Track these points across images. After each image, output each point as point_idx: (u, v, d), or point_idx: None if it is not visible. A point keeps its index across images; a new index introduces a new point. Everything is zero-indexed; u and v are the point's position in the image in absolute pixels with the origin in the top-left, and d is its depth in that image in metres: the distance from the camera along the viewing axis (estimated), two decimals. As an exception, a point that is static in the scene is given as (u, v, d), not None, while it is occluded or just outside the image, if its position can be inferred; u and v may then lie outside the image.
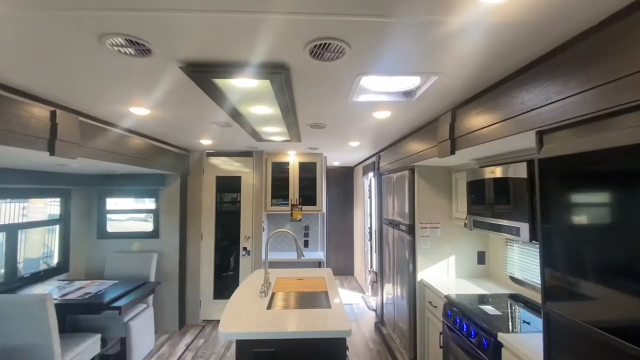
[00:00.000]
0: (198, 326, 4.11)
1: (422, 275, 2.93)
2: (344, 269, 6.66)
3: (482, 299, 2.38)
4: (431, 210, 2.96)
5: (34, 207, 3.52)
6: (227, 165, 4.35)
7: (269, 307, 2.03)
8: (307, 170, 4.62)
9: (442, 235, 2.95)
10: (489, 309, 2.17)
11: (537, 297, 2.32)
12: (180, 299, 4.01)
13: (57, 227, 3.52)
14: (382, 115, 2.32)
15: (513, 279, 2.62)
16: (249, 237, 4.27)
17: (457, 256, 2.95)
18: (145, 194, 4.07)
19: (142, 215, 4.19)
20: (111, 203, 4.05)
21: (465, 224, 2.64)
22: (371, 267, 5.41)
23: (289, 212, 4.55)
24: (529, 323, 1.95)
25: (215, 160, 4.35)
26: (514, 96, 1.47)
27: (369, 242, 5.47)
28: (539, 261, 1.38)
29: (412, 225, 3.00)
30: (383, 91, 1.94)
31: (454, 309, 2.29)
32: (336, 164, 6.20)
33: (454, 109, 2.01)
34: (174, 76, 1.57)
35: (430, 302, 2.74)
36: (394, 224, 3.47)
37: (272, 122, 2.56)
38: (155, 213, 4.03)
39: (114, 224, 4.04)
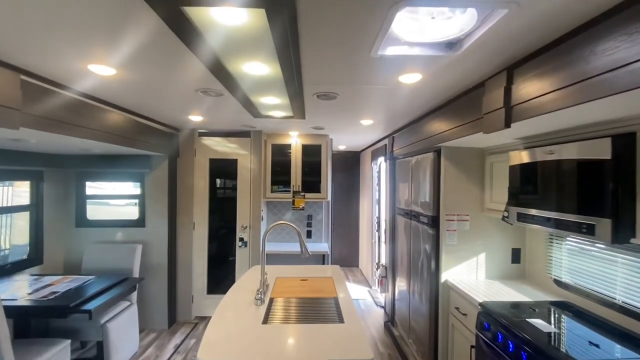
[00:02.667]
0: (190, 324, 3.73)
1: (447, 275, 2.50)
2: (348, 261, 6.27)
3: (526, 308, 1.96)
4: (459, 199, 2.50)
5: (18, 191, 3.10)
6: (222, 147, 3.88)
7: (265, 320, 1.61)
8: (311, 154, 4.14)
9: (471, 229, 2.51)
10: (539, 323, 1.75)
11: (591, 307, 1.90)
12: (170, 294, 3.62)
13: (28, 214, 3.09)
14: (410, 79, 1.83)
15: (558, 282, 2.19)
16: (245, 226, 3.85)
17: (488, 254, 2.52)
18: (129, 177, 3.62)
19: (126, 202, 3.76)
20: (91, 187, 3.61)
21: (504, 216, 2.18)
22: (378, 260, 5.01)
23: (291, 200, 4.11)
24: (598, 346, 1.53)
25: (208, 141, 3.87)
26: (606, 46, 0.99)
27: (376, 233, 5.05)
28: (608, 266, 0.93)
29: (435, 217, 2.55)
30: (418, 42, 1.46)
31: (493, 320, 1.86)
32: (342, 147, 5.72)
33: (511, 68, 1.52)
34: (136, 11, 1.09)
35: (457, 308, 2.32)
36: (411, 215, 3.02)
37: (271, 89, 2.08)
38: (141, 199, 3.59)
39: (94, 211, 3.61)
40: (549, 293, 2.20)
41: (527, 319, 1.79)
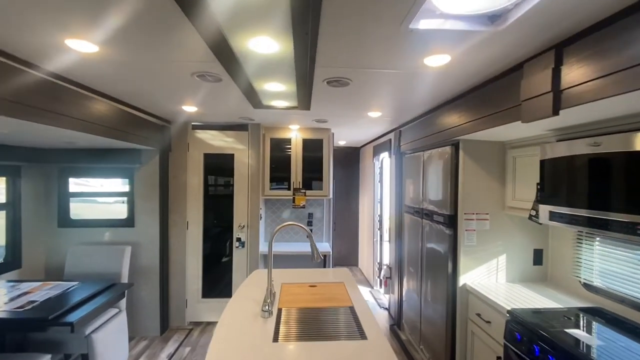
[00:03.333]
0: (184, 330, 3.49)
1: (465, 278, 2.32)
2: (347, 260, 6.08)
3: (559, 316, 1.78)
4: (478, 197, 2.32)
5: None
6: (218, 141, 3.63)
7: (276, 337, 1.39)
8: (312, 149, 3.92)
9: (491, 228, 2.33)
10: (579, 334, 1.58)
11: (625, 312, 1.74)
12: (162, 299, 3.37)
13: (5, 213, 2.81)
14: (436, 61, 1.63)
15: (588, 286, 2.03)
16: (243, 226, 3.61)
17: (509, 255, 2.34)
18: (117, 173, 3.34)
19: (114, 199, 3.48)
20: (75, 184, 3.33)
21: (531, 216, 2.01)
22: (380, 259, 4.83)
23: (291, 198, 3.89)
24: (652, 361, 1.36)
25: (202, 134, 3.62)
26: None
27: (378, 232, 4.87)
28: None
29: (453, 217, 2.36)
30: (456, 14, 1.25)
31: (527, 331, 1.68)
32: (342, 143, 5.51)
33: (560, 47, 1.33)
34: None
35: (478, 315, 2.14)
36: (423, 213, 2.83)
37: (277, 72, 1.85)
38: (130, 196, 3.32)
39: (79, 210, 3.33)
40: (576, 297, 2.03)
41: (564, 330, 1.62)
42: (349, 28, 1.29)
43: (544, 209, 1.85)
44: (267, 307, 1.58)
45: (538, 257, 2.36)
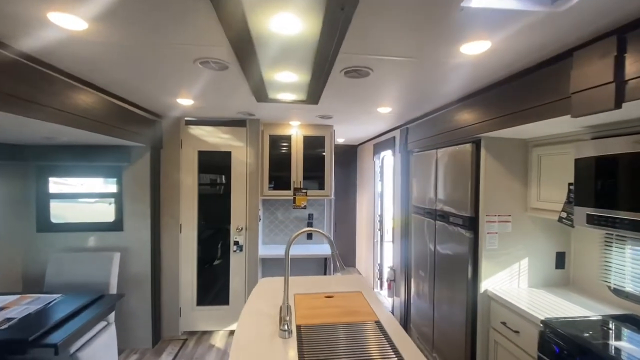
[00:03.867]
0: (178, 340, 3.25)
1: (486, 284, 2.19)
2: (344, 261, 5.92)
3: (596, 326, 1.67)
4: (500, 197, 2.19)
5: None
6: (213, 137, 3.39)
7: (302, 362, 1.21)
8: (313, 146, 3.74)
9: (513, 231, 2.21)
10: (626, 347, 1.46)
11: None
12: (153, 308, 3.12)
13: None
14: (474, 48, 1.47)
15: (618, 291, 1.92)
16: (241, 228, 3.39)
17: (531, 259, 2.23)
18: (103, 171, 3.06)
19: (95, 200, 3.20)
20: (57, 184, 3.03)
21: (561, 218, 1.89)
22: (381, 261, 4.70)
23: (291, 198, 3.69)
24: None
25: (197, 130, 3.37)
26: None
27: (378, 232, 4.73)
28: None
29: (474, 219, 2.23)
30: (515, -9, 1.09)
31: (566, 343, 1.55)
32: (340, 140, 5.34)
33: (621, 33, 1.19)
34: None
35: (503, 323, 2.01)
36: (436, 215, 2.69)
37: (293, 60, 1.65)
38: (118, 197, 3.05)
39: (61, 212, 3.04)
40: (605, 303, 1.93)
41: (606, 342, 1.50)
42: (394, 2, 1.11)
43: (580, 211, 1.73)
44: (286, 327, 1.39)
45: (560, 260, 2.26)
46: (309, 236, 4.05)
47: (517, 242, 2.21)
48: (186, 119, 3.35)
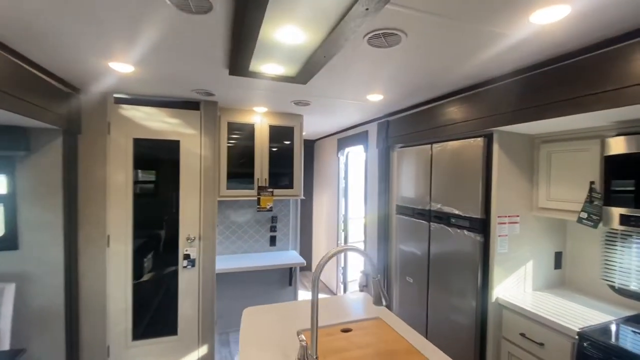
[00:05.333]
0: (104, 391, 2.43)
1: (498, 291, 2.00)
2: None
3: (627, 332, 1.56)
4: (510, 197, 2.02)
5: None
6: (156, 122, 2.63)
7: None
8: (280, 138, 3.22)
9: (520, 232, 2.06)
10: (678, 357, 1.34)
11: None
12: (69, 353, 2.26)
13: None
14: (548, 15, 1.19)
15: (623, 290, 1.89)
16: (193, 238, 2.71)
17: (535, 261, 2.11)
18: (-17, 165, 2.09)
19: (-23, 207, 2.20)
20: None
21: (581, 218, 1.77)
22: (345, 264, 4.39)
23: (254, 199, 3.11)
24: None
25: (132, 112, 2.57)
26: None
27: (342, 234, 4.41)
28: None
29: (484, 220, 2.02)
30: None
31: (613, 356, 1.39)
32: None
33: None
34: None
35: (522, 335, 1.82)
36: (431, 216, 2.45)
37: (309, 10, 1.16)
38: (9, 202, 2.12)
39: None
40: (610, 303, 1.89)
41: (656, 353, 1.38)
42: None
43: (613, 212, 1.61)
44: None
45: (558, 260, 2.19)
46: (272, 241, 3.51)
47: (524, 244, 2.07)
48: (115, 95, 2.52)
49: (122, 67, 1.87)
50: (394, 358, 1.22)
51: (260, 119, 3.11)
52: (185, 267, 2.68)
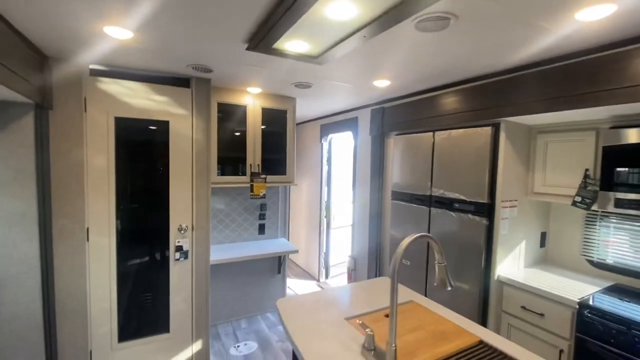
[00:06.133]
0: (89, 399, 2.19)
1: (499, 270, 2.16)
2: (275, 252, 5.39)
3: (613, 300, 1.80)
4: (511, 182, 2.19)
5: None
6: (141, 99, 2.33)
7: None
8: (273, 122, 3.08)
9: (518, 215, 2.24)
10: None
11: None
12: (49, 356, 1.98)
13: None
14: (594, 13, 1.26)
15: (601, 264, 2.17)
16: (186, 228, 2.50)
17: (527, 241, 2.32)
18: None
19: None
20: None
21: (575, 202, 1.97)
22: (327, 249, 4.43)
23: (246, 185, 2.95)
24: None
25: (112, 86, 2.25)
26: None
27: (325, 219, 4.42)
28: None
29: (490, 205, 2.16)
30: None
31: (609, 321, 1.61)
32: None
33: None
34: None
35: (523, 307, 2.01)
36: (431, 201, 2.55)
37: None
38: (-36, 190, 1.74)
39: None
40: (590, 276, 2.16)
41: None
42: None
43: (608, 196, 1.81)
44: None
45: (543, 239, 2.44)
46: (261, 229, 3.39)
47: (520, 225, 2.26)
48: (92, 67, 2.18)
49: (119, 33, 1.60)
50: (448, 338, 1.26)
51: (252, 100, 2.93)
52: (177, 259, 2.48)
